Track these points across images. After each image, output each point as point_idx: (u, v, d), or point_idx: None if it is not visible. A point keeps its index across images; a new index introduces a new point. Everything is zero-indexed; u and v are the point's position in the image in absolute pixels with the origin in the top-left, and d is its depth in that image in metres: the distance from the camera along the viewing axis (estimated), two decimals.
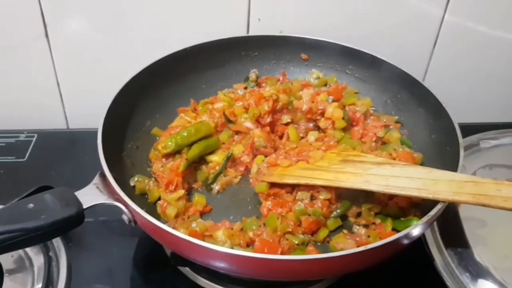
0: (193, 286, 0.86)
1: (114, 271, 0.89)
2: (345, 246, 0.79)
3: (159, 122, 1.03)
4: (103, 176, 0.79)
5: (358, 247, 0.68)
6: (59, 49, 1.12)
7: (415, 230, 0.71)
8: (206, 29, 1.10)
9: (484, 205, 0.69)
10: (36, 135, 1.17)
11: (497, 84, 1.25)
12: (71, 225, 0.73)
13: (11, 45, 1.10)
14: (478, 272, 0.82)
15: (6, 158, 1.10)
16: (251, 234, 0.81)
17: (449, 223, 0.89)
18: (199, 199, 0.90)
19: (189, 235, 0.71)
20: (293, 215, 0.84)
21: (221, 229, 0.82)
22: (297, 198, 0.86)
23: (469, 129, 1.06)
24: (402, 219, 0.85)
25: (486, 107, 1.29)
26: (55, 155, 1.12)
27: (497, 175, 1.02)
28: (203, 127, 0.97)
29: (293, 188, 0.88)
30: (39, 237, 0.70)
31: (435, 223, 0.90)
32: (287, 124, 1.01)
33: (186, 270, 0.88)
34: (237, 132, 1.00)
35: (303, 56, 1.14)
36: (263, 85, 1.10)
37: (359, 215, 0.87)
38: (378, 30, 1.15)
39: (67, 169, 1.08)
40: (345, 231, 0.85)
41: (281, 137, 1.00)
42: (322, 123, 1.01)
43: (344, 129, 1.00)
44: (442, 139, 0.92)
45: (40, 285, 0.82)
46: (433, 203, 0.74)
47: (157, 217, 0.87)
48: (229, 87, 1.12)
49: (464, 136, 0.86)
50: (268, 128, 0.98)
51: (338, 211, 0.86)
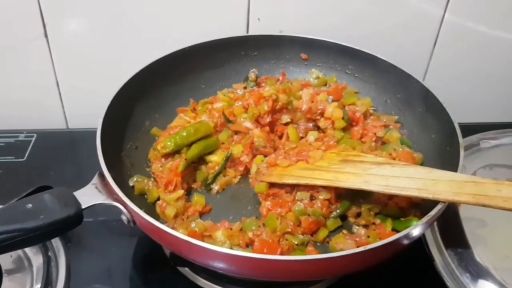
0: (192, 287, 0.86)
1: (113, 271, 0.89)
2: (345, 247, 0.79)
3: (158, 122, 1.02)
4: (102, 176, 0.79)
5: (358, 247, 0.68)
6: (58, 49, 1.12)
7: (415, 230, 0.71)
8: (205, 28, 1.10)
9: (484, 206, 0.69)
10: (35, 135, 1.17)
11: (497, 84, 1.25)
12: (70, 225, 0.73)
13: (10, 45, 1.10)
14: (478, 272, 0.82)
15: (6, 158, 1.10)
16: (250, 234, 0.81)
17: (449, 223, 0.89)
18: (198, 199, 0.90)
19: (188, 235, 0.71)
20: (292, 215, 0.84)
21: (220, 230, 0.82)
22: (296, 198, 0.86)
23: (469, 129, 1.06)
24: (402, 219, 0.85)
25: (486, 107, 1.28)
26: (54, 155, 1.12)
27: (497, 175, 1.02)
28: (202, 127, 0.96)
29: (292, 188, 0.88)
30: (38, 237, 0.70)
31: (435, 223, 0.90)
32: (286, 124, 1.01)
33: (186, 271, 0.88)
34: (236, 132, 1.00)
35: (303, 55, 1.14)
36: (263, 85, 1.10)
37: (358, 215, 0.87)
38: (378, 29, 1.15)
39: (66, 169, 1.08)
40: (344, 231, 0.85)
41: (280, 137, 1.00)
42: (322, 123, 1.01)
43: (344, 129, 1.00)
44: (442, 139, 0.92)
45: (39, 285, 0.82)
46: (433, 203, 0.73)
47: (156, 217, 0.87)
48: (229, 87, 1.12)
49: (464, 136, 0.86)
50: (267, 128, 0.98)
51: (338, 211, 0.86)
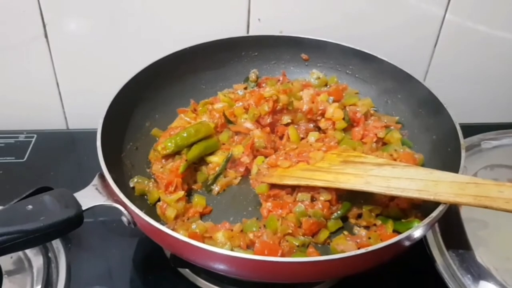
0: None
1: (114, 272, 0.89)
2: (346, 248, 0.79)
3: (158, 122, 1.02)
4: (102, 177, 0.78)
5: (358, 248, 0.68)
6: (58, 49, 1.11)
7: (417, 232, 0.71)
8: (206, 29, 1.10)
9: (486, 207, 0.69)
10: (35, 135, 1.17)
11: (498, 84, 1.25)
12: (70, 226, 0.73)
13: (10, 45, 1.10)
14: (480, 273, 0.82)
15: (6, 159, 1.10)
16: (251, 235, 0.81)
17: (451, 224, 0.89)
18: (199, 200, 0.90)
19: (189, 236, 0.71)
20: (293, 217, 0.84)
21: (221, 231, 0.82)
22: (297, 199, 0.86)
23: (470, 129, 1.06)
24: (403, 220, 0.84)
25: (487, 107, 1.28)
26: (54, 155, 1.12)
27: (498, 175, 1.01)
28: (203, 127, 0.96)
29: (293, 189, 0.88)
30: (38, 239, 0.70)
31: (436, 224, 0.89)
32: (287, 125, 1.01)
33: (186, 272, 0.87)
34: (237, 133, 1.00)
35: (303, 56, 1.14)
36: (263, 85, 1.09)
37: (359, 216, 0.87)
38: (379, 30, 1.14)
39: (66, 169, 1.08)
40: (345, 232, 0.85)
41: (281, 137, 1.00)
42: (323, 123, 1.00)
43: (345, 130, 1.00)
44: (443, 139, 0.91)
45: (40, 286, 0.82)
46: (434, 204, 0.73)
47: (157, 218, 0.86)
48: (229, 87, 1.12)
49: (465, 136, 0.86)
50: (268, 129, 0.98)
51: (339, 212, 0.86)
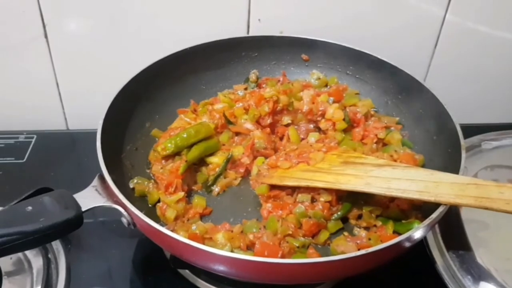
0: None
1: (113, 273, 0.89)
2: (346, 249, 0.79)
3: (158, 123, 1.02)
4: (102, 178, 0.78)
5: (359, 249, 0.68)
6: (58, 49, 1.11)
7: (417, 233, 0.71)
8: (206, 29, 1.10)
9: (486, 208, 0.69)
10: (35, 136, 1.16)
11: (498, 84, 1.25)
12: (70, 228, 0.73)
13: (10, 45, 1.10)
14: (480, 274, 0.82)
15: (5, 159, 1.10)
16: (251, 236, 0.81)
17: (451, 225, 0.89)
18: (199, 201, 0.90)
19: (189, 237, 0.71)
20: (293, 218, 0.84)
21: (221, 232, 0.81)
22: (297, 200, 0.86)
23: (471, 130, 1.06)
24: (403, 221, 0.84)
25: (488, 108, 1.28)
26: (54, 156, 1.12)
27: (499, 176, 1.01)
28: (203, 128, 0.96)
29: (293, 190, 0.88)
30: (38, 240, 0.70)
31: (436, 225, 0.89)
32: (287, 125, 1.01)
33: (186, 273, 0.87)
34: (237, 134, 1.00)
35: (304, 56, 1.13)
36: (264, 86, 1.09)
37: (360, 217, 0.87)
38: (379, 30, 1.14)
39: (66, 170, 1.08)
40: (346, 233, 0.85)
41: (281, 138, 1.00)
42: (323, 124, 1.00)
43: (345, 131, 1.00)
44: (444, 140, 0.91)
45: (39, 287, 0.82)
46: (434, 205, 0.73)
47: (157, 219, 0.86)
48: (229, 88, 1.12)
49: (465, 137, 0.86)
50: (268, 130, 0.98)
51: (339, 213, 0.86)
